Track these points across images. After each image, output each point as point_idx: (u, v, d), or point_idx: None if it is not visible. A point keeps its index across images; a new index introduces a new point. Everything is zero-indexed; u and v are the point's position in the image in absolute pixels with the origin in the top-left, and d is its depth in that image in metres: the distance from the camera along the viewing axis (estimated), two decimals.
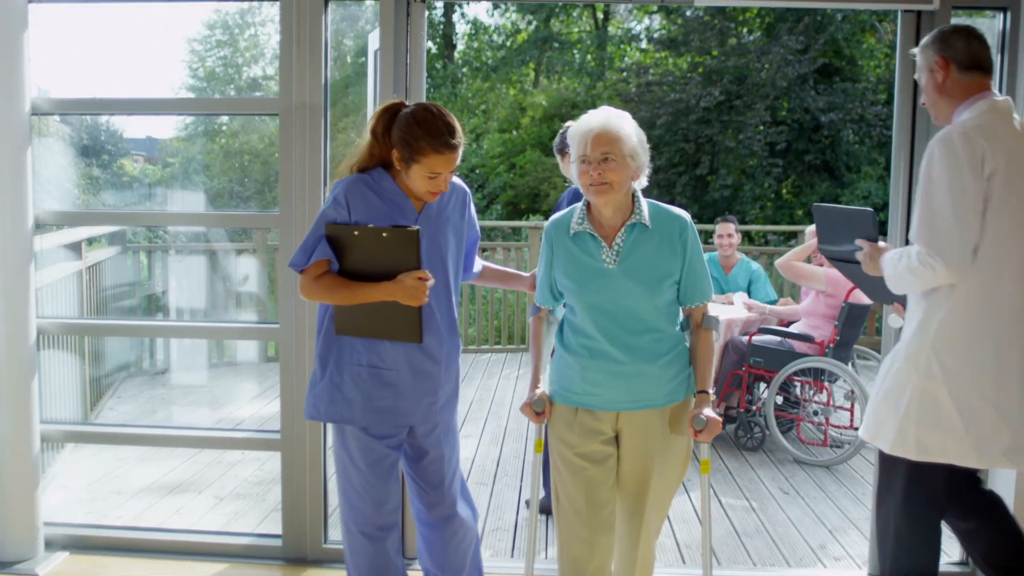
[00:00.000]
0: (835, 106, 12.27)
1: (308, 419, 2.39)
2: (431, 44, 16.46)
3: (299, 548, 3.22)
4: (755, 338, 4.90)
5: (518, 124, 15.67)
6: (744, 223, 11.61)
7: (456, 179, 2.41)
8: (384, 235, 2.18)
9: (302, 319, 3.09)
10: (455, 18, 17.25)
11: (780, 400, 4.93)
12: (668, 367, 2.28)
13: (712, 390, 2.31)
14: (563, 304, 2.40)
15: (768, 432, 4.82)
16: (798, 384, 4.87)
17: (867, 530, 3.51)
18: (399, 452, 2.40)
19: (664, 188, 12.65)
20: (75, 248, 5.32)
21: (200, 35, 17.30)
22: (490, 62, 17.10)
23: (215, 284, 7.38)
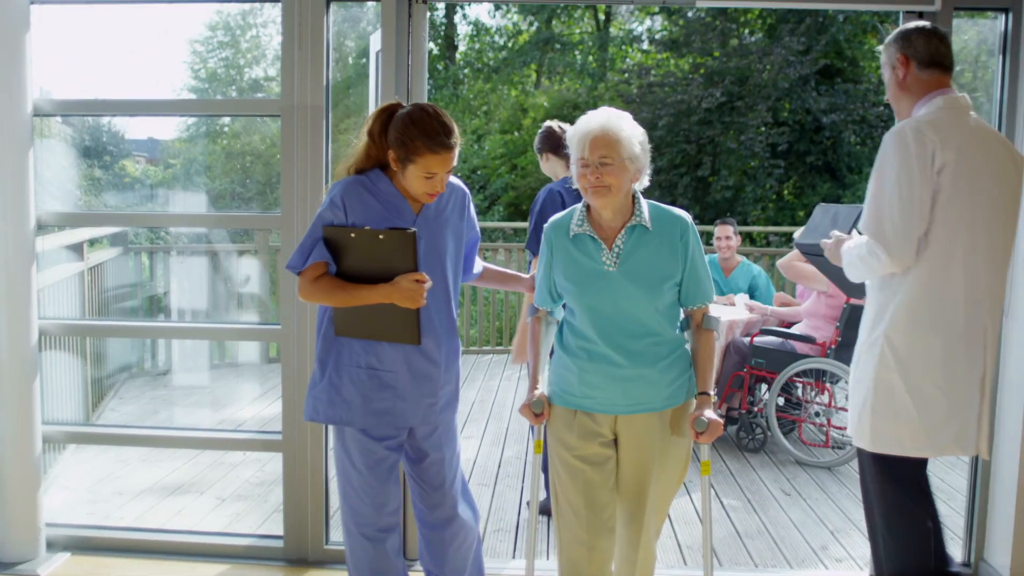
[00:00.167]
0: (837, 107, 12.27)
1: (307, 420, 2.39)
2: (433, 45, 16.47)
3: (301, 549, 3.23)
4: (757, 339, 4.90)
5: (520, 125, 15.67)
6: (745, 224, 11.61)
7: (455, 180, 2.40)
8: (381, 237, 2.17)
9: (303, 320, 3.09)
10: (456, 19, 17.26)
11: (782, 401, 4.93)
12: (667, 370, 2.26)
13: (713, 391, 2.30)
14: (562, 305, 2.38)
15: (770, 433, 4.82)
16: (800, 385, 4.86)
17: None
18: (399, 454, 2.39)
19: (666, 189, 12.65)
20: (77, 249, 5.32)
21: (202, 36, 17.31)
22: (492, 63, 17.09)
23: (217, 285, 7.38)
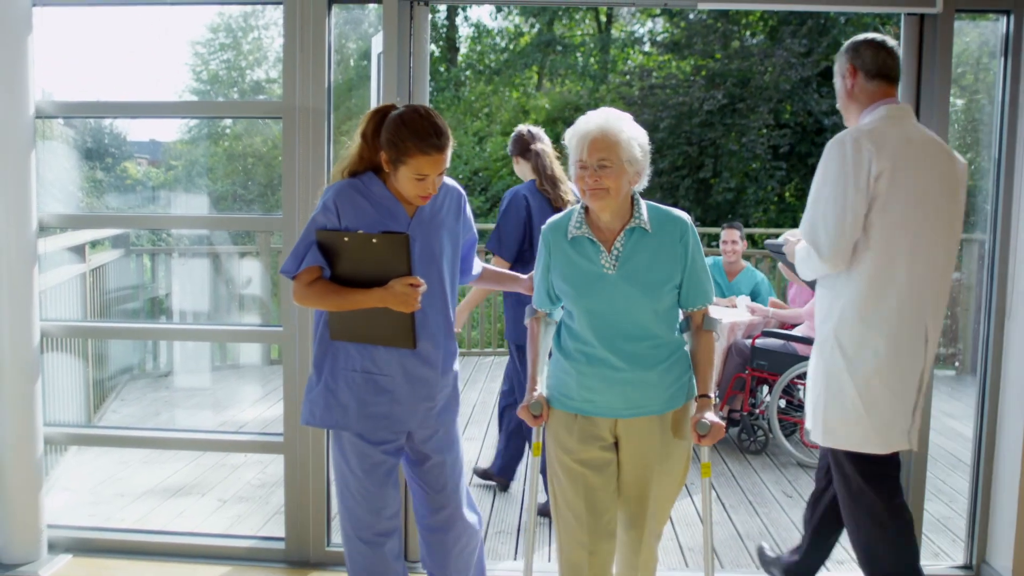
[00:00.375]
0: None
1: (304, 424, 2.38)
2: (434, 47, 16.47)
3: (302, 551, 3.23)
4: (758, 341, 4.89)
5: None
6: (747, 226, 11.60)
7: (450, 181, 2.39)
8: (374, 241, 2.16)
9: (305, 322, 3.09)
10: (458, 21, 17.27)
11: (783, 403, 4.92)
12: (667, 373, 2.24)
13: (715, 393, 2.29)
14: (561, 306, 2.36)
15: (771, 435, 4.81)
16: (801, 387, 4.85)
17: None
18: (397, 459, 2.37)
19: (667, 191, 12.64)
20: (79, 251, 5.33)
21: (203, 38, 17.33)
22: (493, 65, 17.10)
23: (218, 287, 7.38)
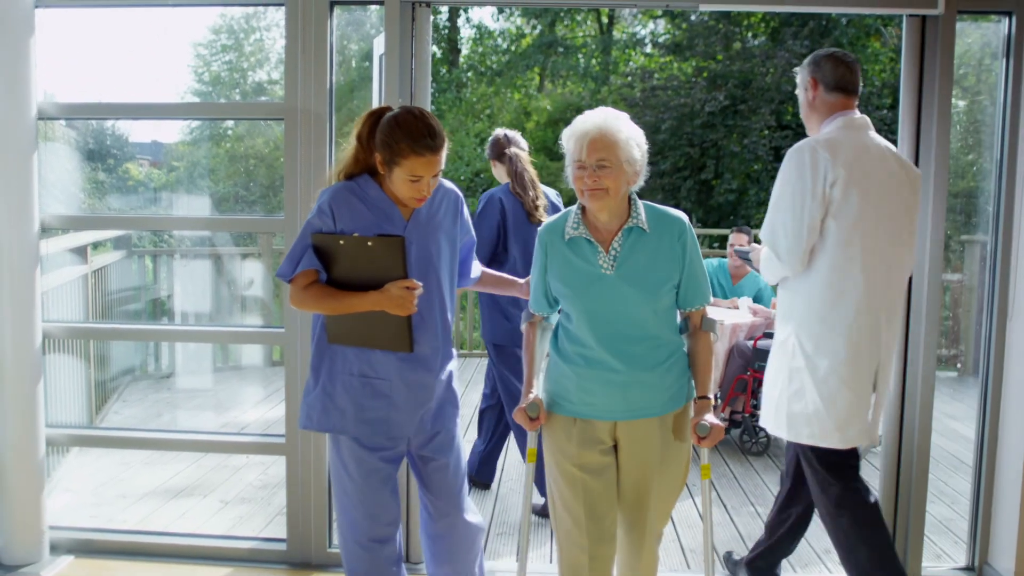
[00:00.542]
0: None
1: (302, 428, 2.36)
2: (436, 49, 16.48)
3: (303, 552, 3.23)
4: (760, 342, 4.88)
5: (523, 129, 15.65)
6: (748, 227, 11.59)
7: (448, 184, 2.37)
8: (369, 244, 2.16)
9: (307, 324, 3.08)
10: (460, 23, 17.28)
11: None
12: (666, 374, 2.23)
13: (715, 395, 2.29)
14: (558, 310, 2.34)
15: (772, 437, 4.81)
16: None
17: None
18: (394, 467, 2.35)
19: (669, 192, 12.65)
20: (81, 252, 5.33)
21: (205, 40, 17.35)
22: (495, 67, 17.12)
23: (220, 288, 7.38)
